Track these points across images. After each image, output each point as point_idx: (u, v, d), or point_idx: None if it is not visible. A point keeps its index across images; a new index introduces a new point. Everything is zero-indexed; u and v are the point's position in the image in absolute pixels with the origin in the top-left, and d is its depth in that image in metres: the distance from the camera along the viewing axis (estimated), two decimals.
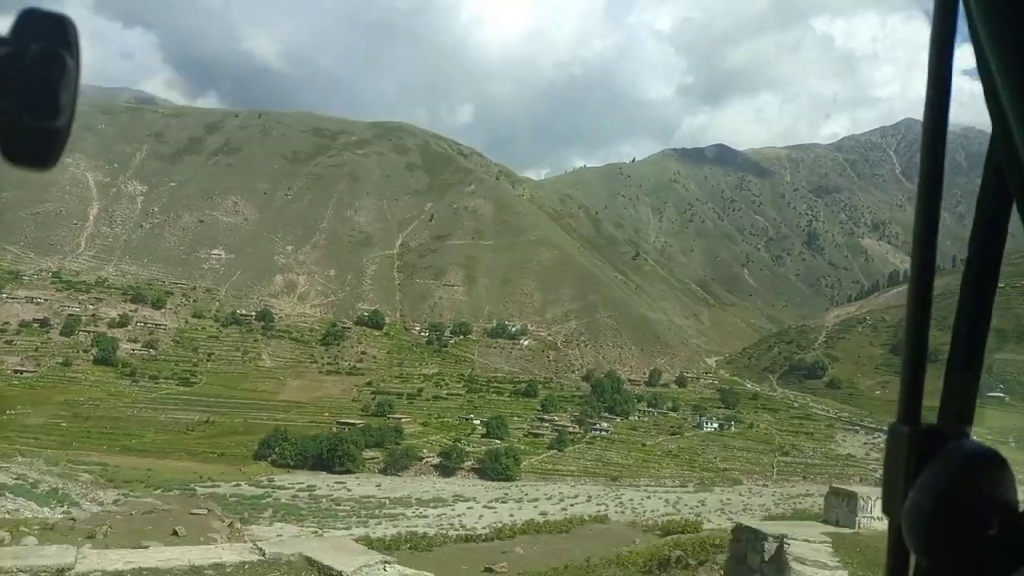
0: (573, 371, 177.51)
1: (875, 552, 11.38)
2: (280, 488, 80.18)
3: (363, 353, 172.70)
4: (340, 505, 73.08)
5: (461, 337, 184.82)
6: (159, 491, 75.50)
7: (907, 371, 0.87)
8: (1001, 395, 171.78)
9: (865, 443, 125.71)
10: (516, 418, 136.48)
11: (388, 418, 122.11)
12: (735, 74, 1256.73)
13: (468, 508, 73.63)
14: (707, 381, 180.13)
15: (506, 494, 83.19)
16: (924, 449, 0.78)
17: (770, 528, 14.27)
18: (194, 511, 17.57)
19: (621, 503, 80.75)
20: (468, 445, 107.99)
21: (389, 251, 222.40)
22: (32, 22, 0.71)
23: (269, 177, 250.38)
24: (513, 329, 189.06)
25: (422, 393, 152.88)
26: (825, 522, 14.82)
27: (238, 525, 18.08)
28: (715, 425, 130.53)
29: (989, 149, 0.83)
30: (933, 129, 0.82)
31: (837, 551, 11.73)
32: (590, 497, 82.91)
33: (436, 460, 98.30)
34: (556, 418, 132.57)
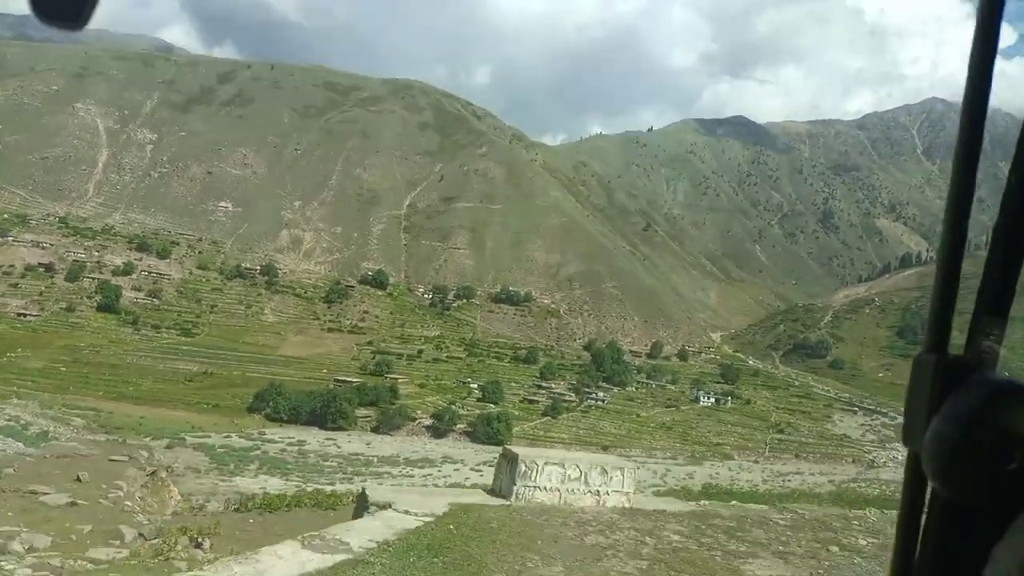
0: (575, 339, 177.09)
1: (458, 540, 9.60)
2: (270, 441, 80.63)
3: (365, 312, 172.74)
4: (328, 461, 73.35)
5: (464, 301, 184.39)
6: (149, 439, 76.06)
7: (936, 301, 0.86)
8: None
9: (862, 424, 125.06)
10: (514, 384, 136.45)
11: (385, 378, 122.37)
12: (760, 44, 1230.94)
13: (455, 470, 73.67)
14: (709, 356, 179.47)
15: (494, 458, 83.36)
16: (949, 380, 0.77)
17: (379, 495, 12.94)
18: (113, 458, 16.90)
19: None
20: (463, 408, 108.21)
21: (397, 211, 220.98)
22: None
23: (279, 130, 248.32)
24: (522, 293, 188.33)
25: (422, 355, 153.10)
26: (491, 492, 13.12)
27: (163, 475, 17.41)
28: (712, 400, 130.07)
29: None
30: (973, 101, 0.82)
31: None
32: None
33: (429, 421, 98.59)
34: (553, 386, 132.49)
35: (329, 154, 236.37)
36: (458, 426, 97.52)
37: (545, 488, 12.11)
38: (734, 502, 14.95)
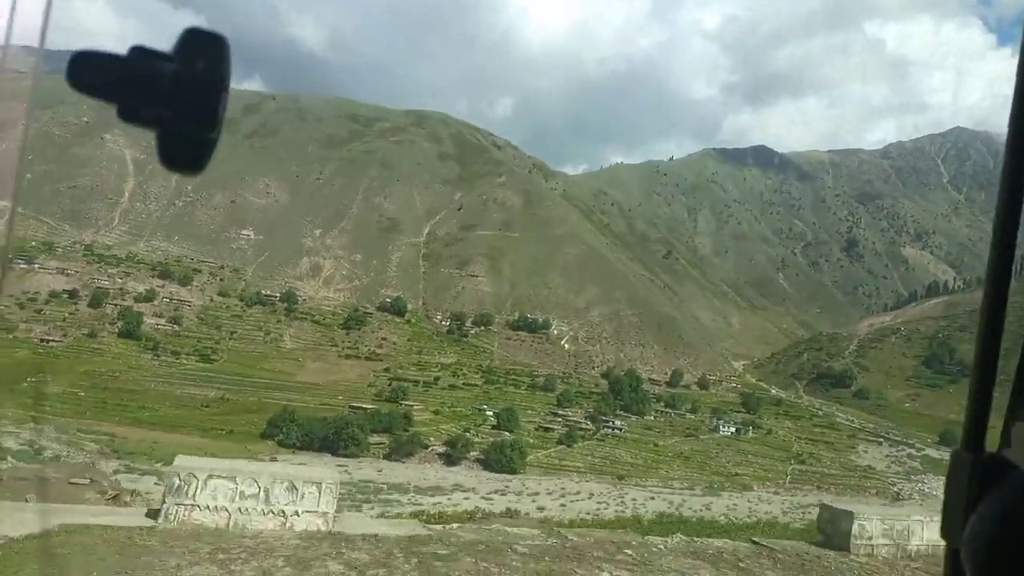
0: (593, 367, 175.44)
1: None
2: None
3: (383, 339, 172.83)
4: None
5: (482, 328, 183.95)
6: (160, 464, 75.92)
7: (973, 398, 0.84)
8: None
9: (887, 456, 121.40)
10: (530, 411, 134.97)
11: (400, 404, 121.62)
12: (780, 75, 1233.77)
13: (465, 498, 72.33)
14: (730, 385, 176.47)
15: (507, 487, 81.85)
16: (986, 477, 0.77)
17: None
18: (74, 480, 16.44)
19: (623, 503, 78.79)
20: (477, 436, 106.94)
21: (416, 239, 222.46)
22: (194, 40, 0.79)
23: (302, 160, 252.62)
24: (540, 320, 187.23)
25: (438, 382, 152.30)
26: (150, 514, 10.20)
27: (127, 499, 16.88)
28: (732, 429, 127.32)
29: None
30: (1016, 140, 0.80)
31: None
32: (591, 495, 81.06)
33: (442, 449, 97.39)
34: (570, 414, 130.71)
35: (350, 183, 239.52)
36: (471, 454, 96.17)
37: (208, 507, 9.59)
38: (648, 537, 12.46)
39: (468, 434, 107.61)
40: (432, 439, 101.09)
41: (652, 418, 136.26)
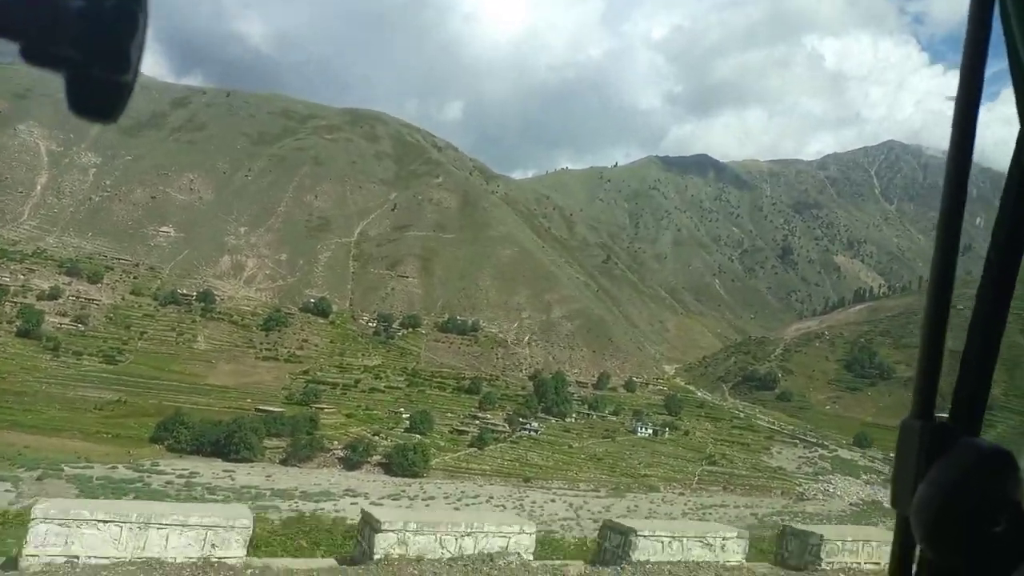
0: (521, 370, 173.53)
1: None
2: (159, 473, 75.35)
3: (304, 341, 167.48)
4: (214, 494, 68.35)
5: (410, 330, 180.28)
6: (22, 469, 70.53)
7: (922, 368, 0.86)
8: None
9: (800, 457, 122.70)
10: (449, 414, 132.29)
11: (310, 407, 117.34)
12: (724, 86, 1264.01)
13: (352, 504, 69.14)
14: (657, 387, 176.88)
15: (403, 491, 78.90)
16: (935, 445, 0.79)
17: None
18: None
19: (521, 505, 76.75)
20: (387, 439, 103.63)
21: (347, 239, 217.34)
22: None
23: (230, 157, 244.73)
24: (470, 322, 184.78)
25: (359, 384, 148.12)
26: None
27: None
28: (650, 431, 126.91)
29: (1016, 151, 0.87)
30: (961, 134, 0.87)
31: None
32: (491, 498, 78.83)
33: (343, 453, 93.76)
34: (489, 416, 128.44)
35: (280, 181, 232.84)
36: (373, 457, 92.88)
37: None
38: None
39: (377, 437, 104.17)
40: (336, 443, 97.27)
41: (573, 420, 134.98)
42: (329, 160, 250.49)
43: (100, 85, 0.71)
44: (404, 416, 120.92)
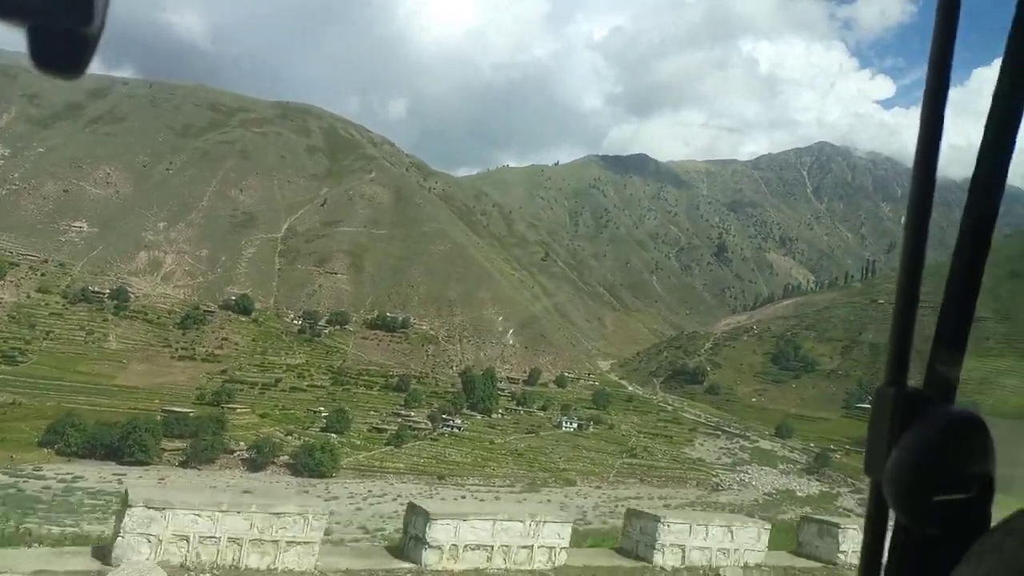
0: (452, 367, 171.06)
1: None
2: (38, 478, 70.33)
3: (224, 339, 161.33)
4: (96, 499, 64.01)
5: (337, 327, 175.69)
6: None
7: (895, 336, 0.87)
8: (868, 406, 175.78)
9: (721, 448, 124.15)
10: (372, 412, 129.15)
11: (222, 408, 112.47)
12: (663, 87, 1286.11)
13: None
14: (588, 382, 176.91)
15: (304, 492, 75.62)
16: (908, 411, 0.80)
17: None
18: None
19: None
20: (300, 439, 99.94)
21: (273, 235, 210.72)
22: None
23: (151, 149, 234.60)
24: (400, 319, 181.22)
25: (280, 384, 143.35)
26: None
27: None
28: (575, 425, 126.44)
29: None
30: (925, 151, 0.86)
31: None
32: (398, 496, 76.29)
33: (247, 454, 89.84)
34: (413, 414, 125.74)
35: (203, 174, 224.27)
36: (281, 458, 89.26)
37: None
38: None
39: (290, 437, 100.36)
40: (243, 444, 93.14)
41: (499, 416, 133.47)
42: (257, 154, 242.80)
43: (64, 37, 0.67)
44: (323, 415, 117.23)
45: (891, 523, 0.83)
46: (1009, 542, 0.65)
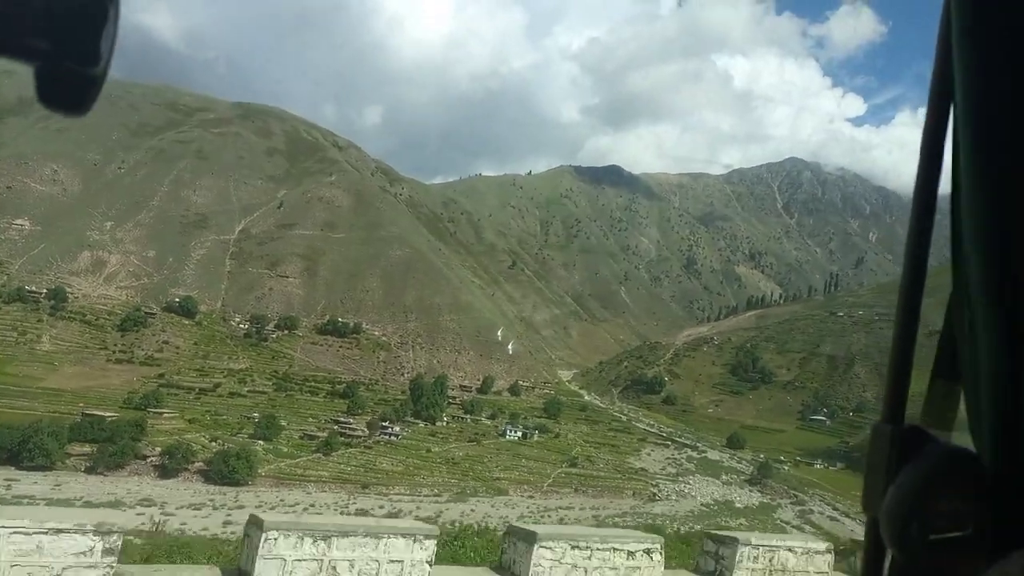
0: (403, 374, 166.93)
1: None
2: None
3: (165, 342, 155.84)
4: None
5: (285, 332, 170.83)
6: None
7: (892, 373, 0.86)
8: (823, 419, 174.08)
9: (667, 458, 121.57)
10: (311, 419, 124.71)
11: (148, 412, 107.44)
12: (639, 100, 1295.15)
13: (137, 515, 61.32)
14: (543, 392, 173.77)
15: (212, 500, 71.53)
16: (905, 448, 0.80)
17: None
18: None
19: (346, 513, 70.69)
20: (224, 445, 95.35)
21: (226, 236, 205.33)
22: None
23: (104, 147, 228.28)
24: (351, 324, 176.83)
25: (218, 389, 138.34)
26: None
27: None
28: (519, 434, 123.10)
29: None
30: (926, 178, 0.85)
31: None
32: (310, 506, 72.39)
33: (160, 460, 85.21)
34: (352, 421, 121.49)
35: (156, 174, 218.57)
36: (195, 464, 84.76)
37: None
38: None
39: (214, 443, 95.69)
40: (156, 449, 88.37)
41: (444, 424, 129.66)
42: (214, 154, 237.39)
43: (70, 77, 0.69)
44: (258, 421, 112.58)
45: (888, 560, 0.82)
46: None
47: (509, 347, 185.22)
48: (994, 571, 0.66)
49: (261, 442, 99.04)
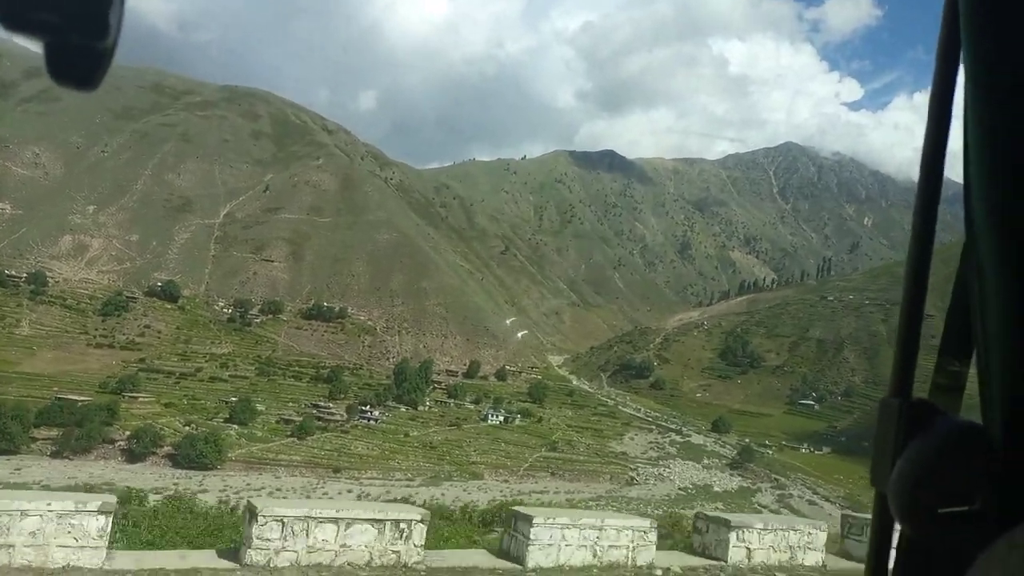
0: (388, 359, 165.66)
1: None
2: None
3: (147, 327, 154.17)
4: None
5: (270, 316, 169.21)
6: None
7: (900, 347, 0.86)
8: (811, 403, 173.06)
9: (650, 443, 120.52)
10: (291, 403, 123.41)
11: (123, 396, 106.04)
12: (634, 84, 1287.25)
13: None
14: (531, 376, 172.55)
15: (176, 484, 70.16)
16: (913, 423, 0.80)
17: None
18: None
19: (308, 497, 69.51)
20: (197, 429, 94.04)
21: (211, 220, 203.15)
22: None
23: (87, 130, 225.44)
24: (337, 308, 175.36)
25: (199, 373, 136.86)
26: None
27: None
28: (500, 418, 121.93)
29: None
30: (935, 139, 0.83)
31: None
32: (277, 489, 71.13)
33: (128, 444, 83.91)
34: (332, 406, 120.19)
35: (140, 157, 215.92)
36: (163, 448, 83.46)
37: None
38: None
39: (188, 428, 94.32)
40: (127, 433, 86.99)
41: (426, 408, 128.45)
42: (199, 137, 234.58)
43: (79, 51, 0.70)
44: (233, 406, 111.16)
45: (896, 534, 0.82)
46: (1014, 556, 0.63)
47: (502, 331, 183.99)
48: (1001, 541, 0.65)
49: (236, 426, 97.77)
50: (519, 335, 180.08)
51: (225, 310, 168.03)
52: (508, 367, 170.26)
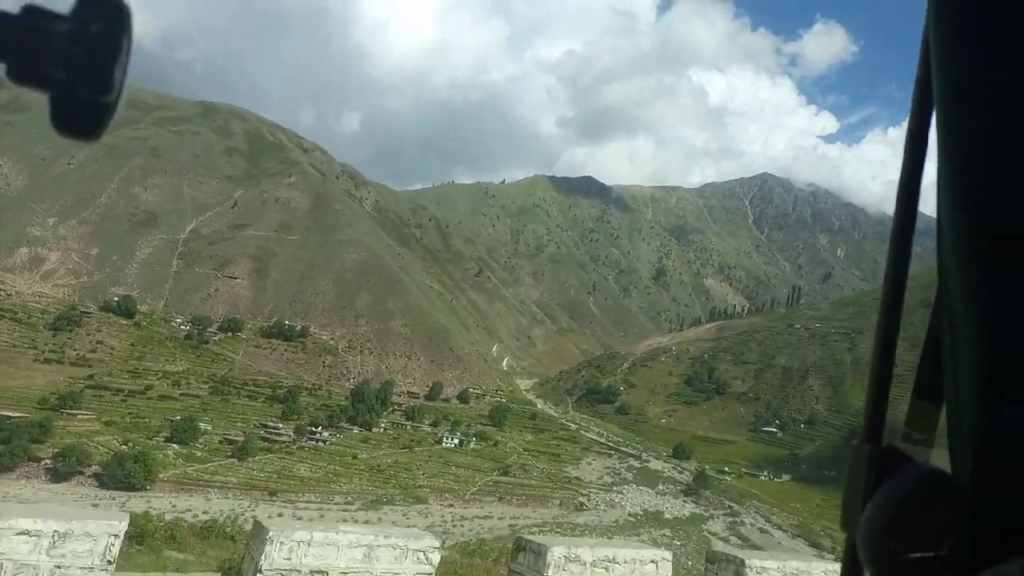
0: (349, 379, 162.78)
1: None
2: None
3: (99, 343, 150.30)
4: None
5: (228, 334, 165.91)
6: None
7: (872, 393, 0.86)
8: (774, 430, 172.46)
9: (607, 468, 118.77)
10: (240, 423, 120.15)
11: (62, 413, 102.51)
12: (615, 113, 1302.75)
13: None
14: (495, 399, 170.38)
15: (98, 504, 67.23)
16: (883, 468, 0.80)
17: None
18: None
19: (233, 523, 67.00)
20: (134, 448, 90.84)
21: (176, 236, 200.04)
22: (91, 2, 0.73)
23: (53, 142, 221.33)
24: (298, 327, 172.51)
25: (148, 391, 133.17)
26: None
27: None
28: (455, 441, 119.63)
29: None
30: (906, 197, 0.84)
31: None
32: (204, 512, 68.36)
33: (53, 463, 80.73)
34: (282, 426, 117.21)
35: (105, 171, 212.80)
36: (91, 468, 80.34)
37: None
38: None
39: (125, 447, 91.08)
40: (53, 451, 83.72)
41: (381, 430, 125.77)
42: (169, 152, 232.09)
43: (84, 105, 0.72)
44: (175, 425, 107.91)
45: None
46: None
47: (467, 353, 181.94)
48: None
49: (175, 445, 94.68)
50: (504, 362, 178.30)
51: (183, 327, 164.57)
52: (472, 390, 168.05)
